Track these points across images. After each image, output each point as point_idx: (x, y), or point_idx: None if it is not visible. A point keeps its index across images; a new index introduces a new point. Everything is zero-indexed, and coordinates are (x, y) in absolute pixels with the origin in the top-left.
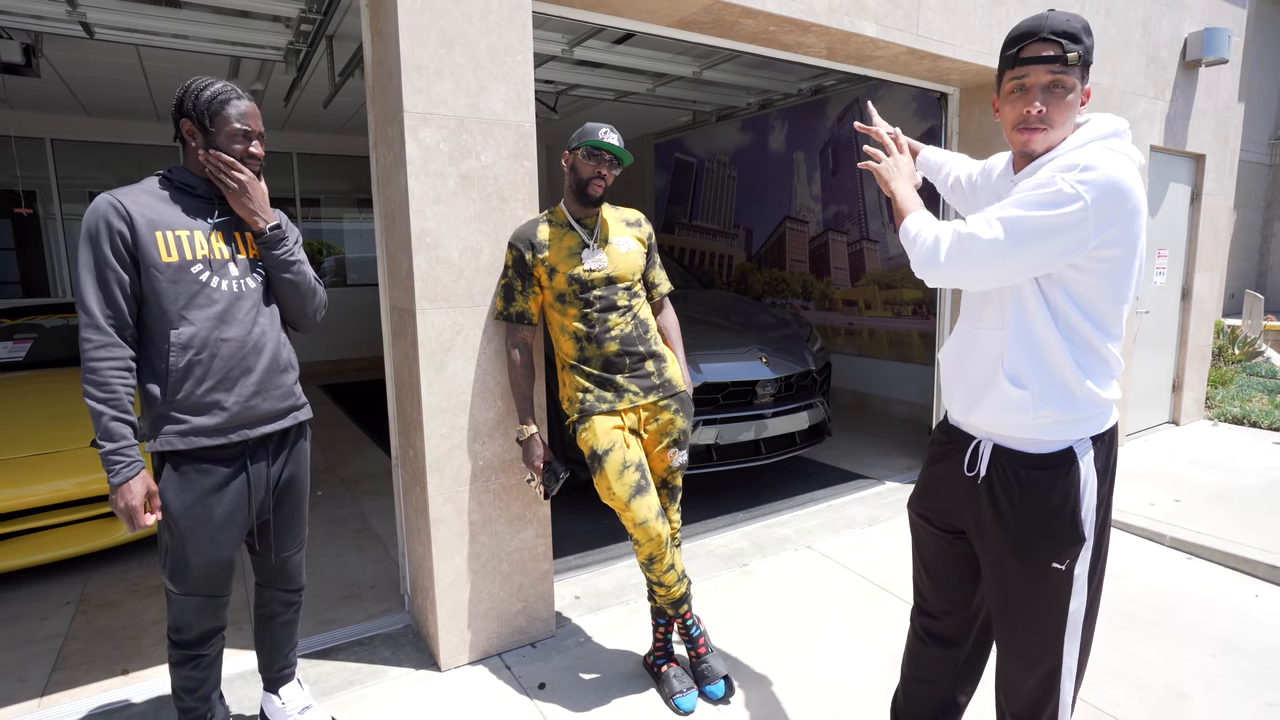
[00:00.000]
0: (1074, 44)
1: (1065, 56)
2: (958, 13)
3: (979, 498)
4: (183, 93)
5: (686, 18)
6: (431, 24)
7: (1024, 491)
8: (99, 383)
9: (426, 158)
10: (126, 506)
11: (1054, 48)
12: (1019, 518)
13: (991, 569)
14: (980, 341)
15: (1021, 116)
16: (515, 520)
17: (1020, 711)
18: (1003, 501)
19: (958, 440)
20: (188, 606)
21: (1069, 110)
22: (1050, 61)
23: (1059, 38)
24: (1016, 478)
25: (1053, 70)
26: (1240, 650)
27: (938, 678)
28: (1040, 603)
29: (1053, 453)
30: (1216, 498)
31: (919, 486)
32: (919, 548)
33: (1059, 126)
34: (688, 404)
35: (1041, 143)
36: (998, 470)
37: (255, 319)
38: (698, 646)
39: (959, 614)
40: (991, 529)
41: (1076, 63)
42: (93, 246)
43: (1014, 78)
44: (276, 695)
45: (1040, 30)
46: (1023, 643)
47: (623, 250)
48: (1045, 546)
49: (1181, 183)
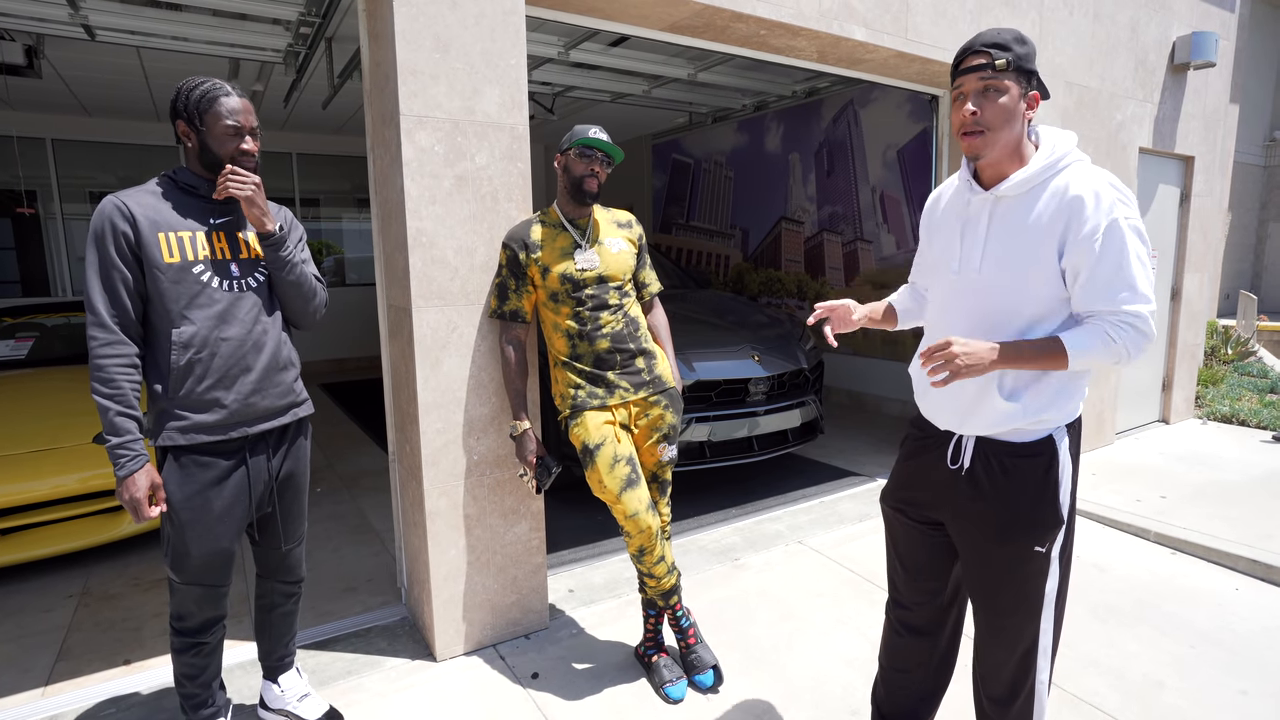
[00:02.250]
0: (1002, 52)
1: (993, 63)
2: (946, 17)
3: (961, 488)
4: (175, 94)
5: (678, 22)
6: (426, 29)
7: (1009, 479)
8: (105, 379)
9: (422, 160)
10: (132, 499)
11: (984, 57)
12: (1005, 505)
13: (974, 557)
14: None
15: (960, 121)
16: (509, 514)
17: (999, 695)
18: (988, 490)
19: (935, 434)
20: (189, 596)
21: (1005, 113)
22: (979, 69)
23: (988, 48)
24: (1001, 466)
25: (983, 76)
26: (1218, 642)
27: (914, 667)
28: (1022, 586)
29: (1035, 441)
30: (1202, 494)
31: (894, 480)
32: (894, 540)
33: (997, 129)
34: (677, 400)
35: (986, 146)
36: (982, 461)
37: (256, 318)
38: (687, 637)
39: (932, 604)
40: (976, 518)
41: (1005, 68)
42: (99, 247)
43: (954, 88)
44: (276, 683)
45: (973, 45)
46: (1003, 626)
47: (614, 250)
48: (1029, 531)
49: (1170, 184)
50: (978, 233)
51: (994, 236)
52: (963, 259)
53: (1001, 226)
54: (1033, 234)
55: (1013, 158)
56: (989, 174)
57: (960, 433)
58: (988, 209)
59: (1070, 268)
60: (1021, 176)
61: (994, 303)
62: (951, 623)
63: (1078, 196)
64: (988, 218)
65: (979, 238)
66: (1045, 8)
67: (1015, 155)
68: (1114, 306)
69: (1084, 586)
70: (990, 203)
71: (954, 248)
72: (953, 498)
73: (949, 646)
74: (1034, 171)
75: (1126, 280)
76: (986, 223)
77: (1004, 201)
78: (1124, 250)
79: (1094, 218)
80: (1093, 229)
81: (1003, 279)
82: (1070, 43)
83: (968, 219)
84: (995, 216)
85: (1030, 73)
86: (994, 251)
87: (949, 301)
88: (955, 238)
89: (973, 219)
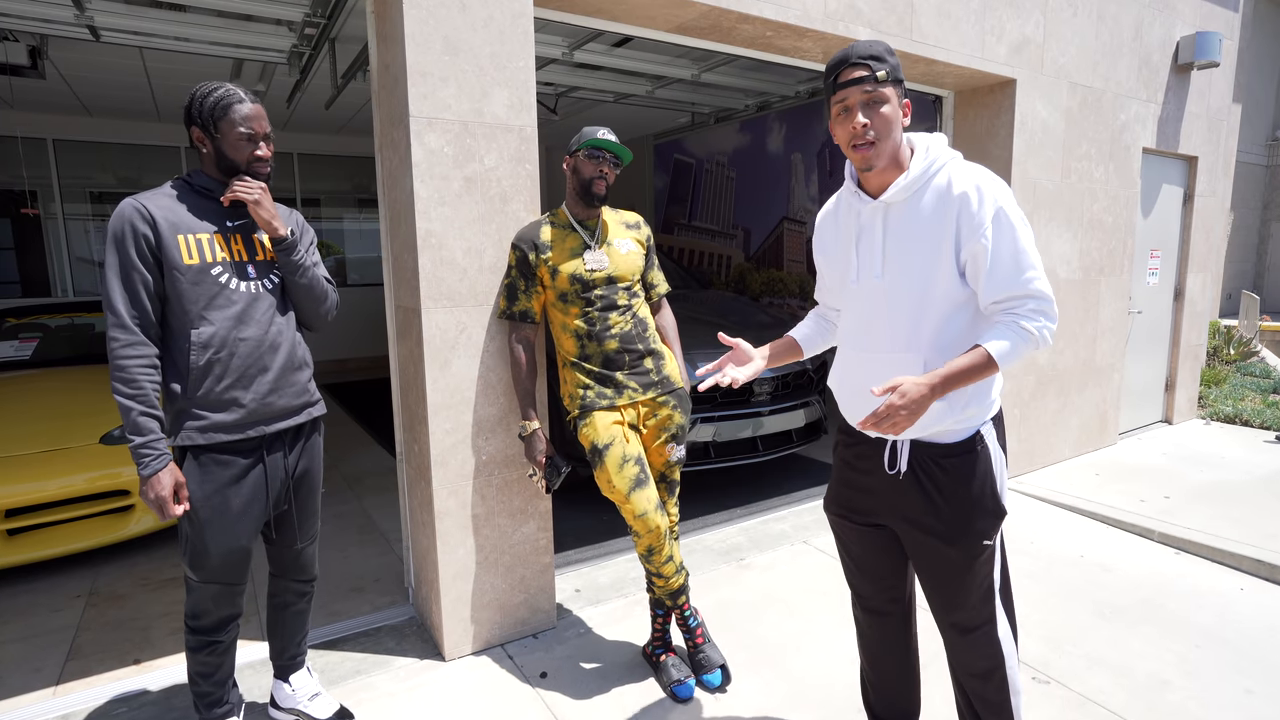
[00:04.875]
0: (879, 63)
1: (875, 75)
2: (950, 18)
3: (903, 492)
4: (189, 101)
5: (685, 23)
6: (436, 31)
7: (949, 479)
8: (127, 379)
9: (431, 161)
10: (157, 497)
11: (863, 69)
12: (950, 506)
13: (926, 557)
14: (882, 366)
15: (850, 134)
16: (517, 514)
17: (978, 687)
18: (932, 493)
19: (867, 441)
20: (206, 594)
21: (889, 122)
22: (862, 82)
23: (865, 60)
24: (940, 468)
25: (866, 89)
26: (1223, 641)
27: (887, 654)
28: (975, 578)
29: (967, 439)
30: (1206, 494)
31: (833, 488)
32: (845, 545)
33: (886, 137)
34: (685, 400)
35: (878, 156)
36: (920, 464)
37: (272, 319)
38: (695, 637)
39: (892, 594)
40: (923, 520)
41: (885, 79)
42: (118, 249)
43: (837, 101)
44: (287, 682)
45: (849, 58)
46: (963, 618)
47: (623, 251)
48: (976, 529)
49: (1174, 184)
50: (874, 241)
51: (891, 242)
52: (859, 269)
53: (896, 231)
54: (927, 233)
55: (893, 165)
56: (874, 183)
57: (891, 438)
58: (880, 217)
59: (970, 258)
60: (906, 180)
61: (901, 306)
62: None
63: (962, 193)
64: (882, 225)
65: (875, 245)
66: (1049, 8)
67: (895, 163)
68: (1023, 289)
69: (1088, 586)
70: (882, 211)
71: (850, 259)
72: (894, 502)
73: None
74: (916, 174)
75: (1026, 261)
76: (882, 230)
77: (894, 207)
78: (1015, 234)
79: (981, 209)
80: (981, 219)
81: (905, 281)
82: (1074, 43)
83: (860, 229)
84: (889, 223)
85: (901, 81)
86: (894, 256)
87: (857, 313)
88: (850, 249)
89: (866, 228)
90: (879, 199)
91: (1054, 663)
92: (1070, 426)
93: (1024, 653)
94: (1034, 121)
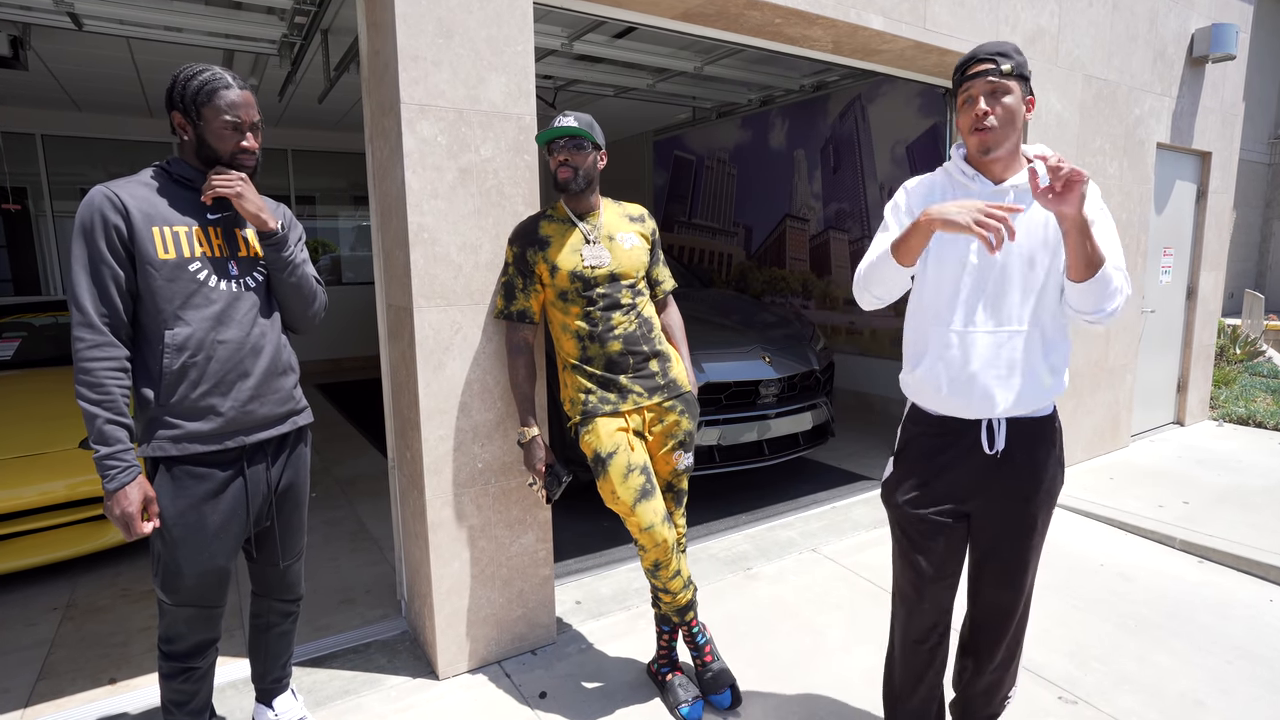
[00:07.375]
0: (1005, 59)
1: (1000, 69)
2: (965, 6)
3: (998, 471)
4: (171, 83)
5: (691, 10)
6: (429, 13)
7: (1039, 450)
8: (93, 384)
9: (424, 151)
10: (123, 514)
11: (989, 63)
12: (1039, 476)
13: (1014, 529)
14: (997, 342)
15: (972, 119)
16: (515, 524)
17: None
18: (1023, 466)
19: (956, 427)
20: (180, 617)
21: (1012, 111)
22: (986, 74)
23: (991, 55)
24: (1032, 441)
25: (989, 80)
26: (1257, 656)
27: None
28: (1040, 549)
29: (1050, 414)
30: (1226, 500)
31: (911, 483)
32: (918, 546)
33: (1008, 124)
34: (693, 405)
35: (994, 141)
36: (1016, 440)
37: (255, 320)
38: (703, 654)
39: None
40: (1015, 494)
41: (1010, 72)
42: (87, 241)
43: (963, 92)
44: (270, 707)
45: (977, 54)
46: (1028, 586)
47: (626, 246)
48: (1055, 494)
49: (1187, 181)
50: None
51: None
52: (980, 248)
53: (1022, 215)
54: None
55: (1014, 155)
56: (996, 169)
57: (992, 417)
58: (1004, 200)
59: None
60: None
61: (1019, 284)
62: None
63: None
64: None
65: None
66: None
67: (1016, 154)
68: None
69: (1110, 597)
70: (1008, 195)
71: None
72: (988, 482)
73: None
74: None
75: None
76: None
77: (1018, 191)
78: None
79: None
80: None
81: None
82: (1089, 34)
83: None
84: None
85: (1027, 79)
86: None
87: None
88: None
89: None
90: (1000, 185)
91: (1080, 681)
92: (1083, 429)
93: (1050, 670)
94: (1048, 115)
